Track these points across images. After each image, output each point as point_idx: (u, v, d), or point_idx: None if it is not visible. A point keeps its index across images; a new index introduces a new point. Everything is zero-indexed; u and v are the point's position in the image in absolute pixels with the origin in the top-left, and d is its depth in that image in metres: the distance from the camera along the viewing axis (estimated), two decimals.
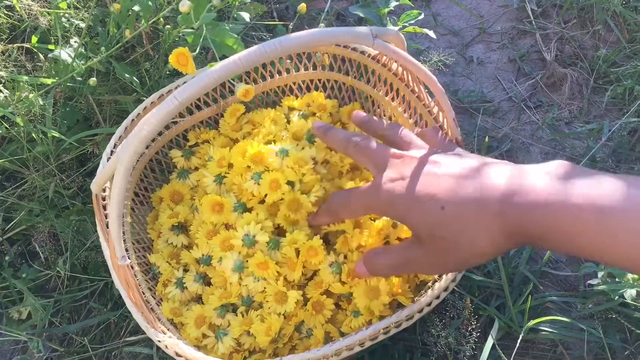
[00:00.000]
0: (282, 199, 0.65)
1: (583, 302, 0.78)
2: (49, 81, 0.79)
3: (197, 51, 0.58)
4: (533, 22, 1.13)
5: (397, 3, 0.89)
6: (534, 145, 0.98)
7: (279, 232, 0.67)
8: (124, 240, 0.69)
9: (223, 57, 0.69)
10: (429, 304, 0.57)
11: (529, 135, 0.99)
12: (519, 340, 0.73)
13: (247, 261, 0.64)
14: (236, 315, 0.65)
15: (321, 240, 0.64)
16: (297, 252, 0.64)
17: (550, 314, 0.76)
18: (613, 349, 0.74)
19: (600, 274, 0.75)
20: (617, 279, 0.73)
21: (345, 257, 0.65)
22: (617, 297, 0.73)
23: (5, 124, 0.80)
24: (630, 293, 0.72)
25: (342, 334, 0.63)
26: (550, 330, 0.75)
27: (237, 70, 0.44)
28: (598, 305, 0.76)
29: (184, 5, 0.56)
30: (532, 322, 0.73)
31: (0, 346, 0.81)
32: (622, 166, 0.93)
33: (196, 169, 0.78)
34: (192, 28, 0.64)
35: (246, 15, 0.72)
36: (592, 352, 0.75)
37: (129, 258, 0.54)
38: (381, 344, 0.69)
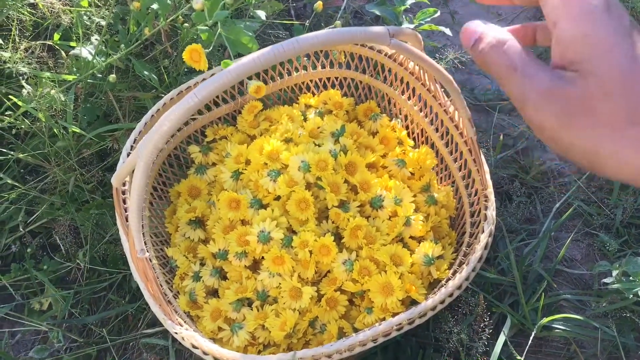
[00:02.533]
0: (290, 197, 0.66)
1: (597, 300, 0.78)
2: (70, 78, 0.80)
3: (212, 48, 0.59)
4: None
5: (414, 1, 0.90)
6: None
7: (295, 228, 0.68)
8: (143, 234, 0.70)
9: (238, 54, 0.70)
10: (442, 302, 0.57)
11: None
12: (531, 338, 0.73)
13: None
14: (251, 310, 0.66)
15: (332, 237, 0.65)
16: (310, 251, 0.65)
17: (563, 312, 0.77)
18: (627, 348, 0.74)
19: (614, 273, 0.75)
20: (631, 278, 0.73)
21: (357, 254, 0.65)
22: (631, 295, 0.72)
23: (28, 120, 0.82)
24: None
25: (356, 330, 0.64)
26: (563, 328, 0.75)
27: (255, 68, 0.45)
28: (612, 303, 0.76)
29: (197, 3, 0.57)
30: (545, 320, 0.73)
31: (22, 336, 0.83)
32: None
33: (213, 164, 0.79)
34: (207, 25, 0.65)
35: (262, 14, 0.73)
36: (606, 351, 0.75)
37: (147, 251, 0.55)
38: (394, 340, 0.70)
